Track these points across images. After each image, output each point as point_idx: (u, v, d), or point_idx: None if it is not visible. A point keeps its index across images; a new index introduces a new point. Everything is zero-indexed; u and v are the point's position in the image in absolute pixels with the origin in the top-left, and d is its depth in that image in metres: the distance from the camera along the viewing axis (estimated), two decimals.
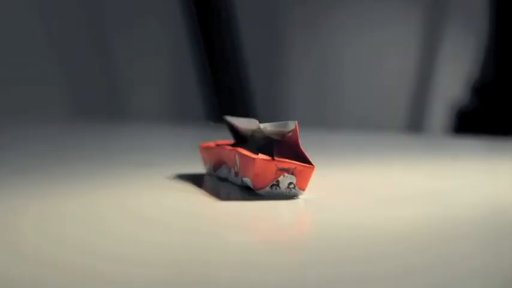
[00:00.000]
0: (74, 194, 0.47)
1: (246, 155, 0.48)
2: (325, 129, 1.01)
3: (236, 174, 0.50)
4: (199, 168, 0.56)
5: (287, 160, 0.46)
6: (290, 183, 0.46)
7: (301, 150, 0.47)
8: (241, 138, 0.55)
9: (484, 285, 0.28)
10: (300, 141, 0.47)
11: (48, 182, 0.51)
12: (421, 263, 0.31)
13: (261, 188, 0.46)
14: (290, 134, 0.47)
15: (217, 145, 0.55)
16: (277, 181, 0.46)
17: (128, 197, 0.46)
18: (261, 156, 0.46)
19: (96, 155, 0.67)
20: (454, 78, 1.28)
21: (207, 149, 0.54)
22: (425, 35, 1.22)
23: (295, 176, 0.46)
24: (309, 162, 0.46)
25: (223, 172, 0.52)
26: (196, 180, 0.51)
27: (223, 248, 0.33)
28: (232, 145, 0.54)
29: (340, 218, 0.40)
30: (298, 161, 0.46)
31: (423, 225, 0.38)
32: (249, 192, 0.46)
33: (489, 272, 0.29)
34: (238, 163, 0.49)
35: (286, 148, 0.48)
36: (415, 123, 1.30)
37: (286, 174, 0.46)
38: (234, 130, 0.56)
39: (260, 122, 0.51)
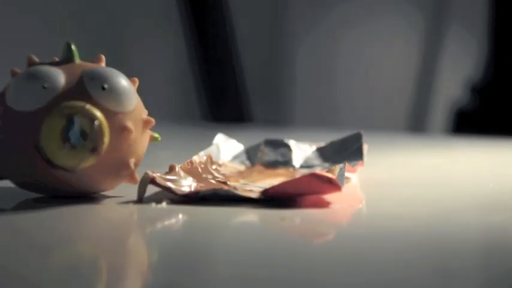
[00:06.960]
0: (76, 197, 0.46)
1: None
2: (326, 130, 1.01)
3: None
4: None
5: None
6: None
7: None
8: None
9: None
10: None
11: None
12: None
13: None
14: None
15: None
16: None
17: (129, 199, 0.45)
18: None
19: None
20: (455, 78, 1.28)
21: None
22: (426, 36, 1.22)
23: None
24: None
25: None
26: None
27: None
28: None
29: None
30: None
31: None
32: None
33: None
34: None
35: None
36: (415, 124, 1.29)
37: None
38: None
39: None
